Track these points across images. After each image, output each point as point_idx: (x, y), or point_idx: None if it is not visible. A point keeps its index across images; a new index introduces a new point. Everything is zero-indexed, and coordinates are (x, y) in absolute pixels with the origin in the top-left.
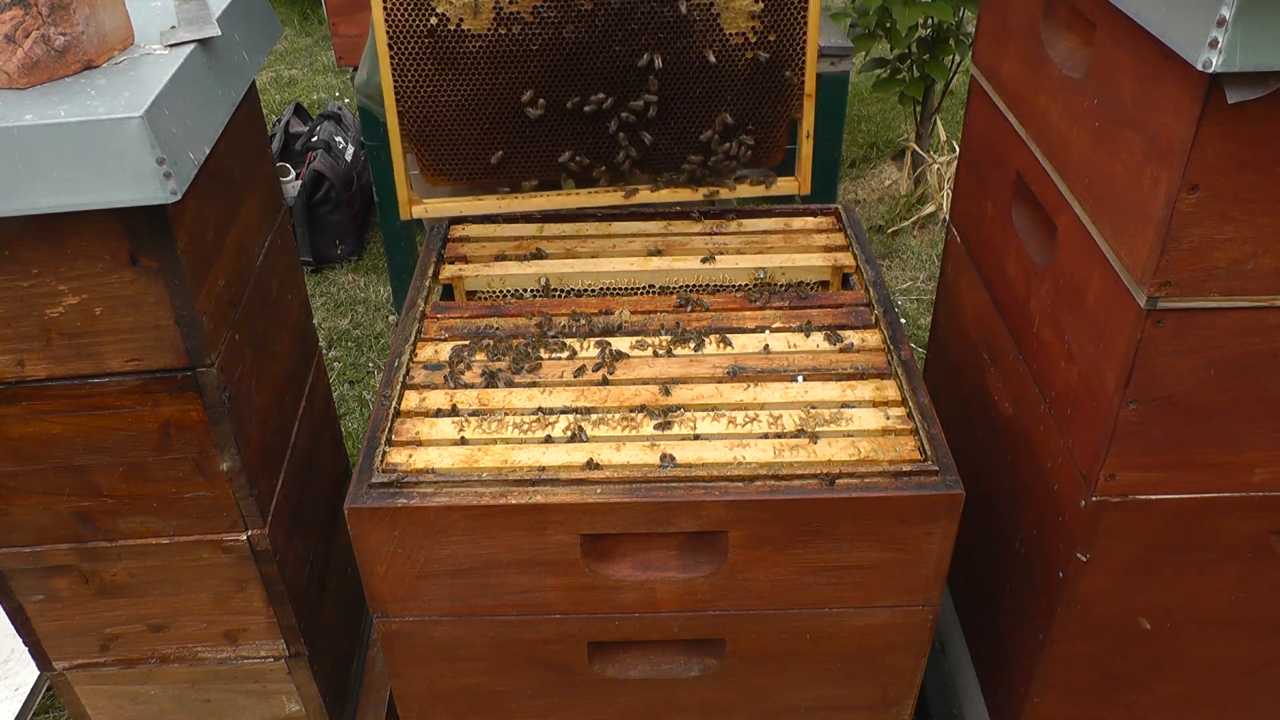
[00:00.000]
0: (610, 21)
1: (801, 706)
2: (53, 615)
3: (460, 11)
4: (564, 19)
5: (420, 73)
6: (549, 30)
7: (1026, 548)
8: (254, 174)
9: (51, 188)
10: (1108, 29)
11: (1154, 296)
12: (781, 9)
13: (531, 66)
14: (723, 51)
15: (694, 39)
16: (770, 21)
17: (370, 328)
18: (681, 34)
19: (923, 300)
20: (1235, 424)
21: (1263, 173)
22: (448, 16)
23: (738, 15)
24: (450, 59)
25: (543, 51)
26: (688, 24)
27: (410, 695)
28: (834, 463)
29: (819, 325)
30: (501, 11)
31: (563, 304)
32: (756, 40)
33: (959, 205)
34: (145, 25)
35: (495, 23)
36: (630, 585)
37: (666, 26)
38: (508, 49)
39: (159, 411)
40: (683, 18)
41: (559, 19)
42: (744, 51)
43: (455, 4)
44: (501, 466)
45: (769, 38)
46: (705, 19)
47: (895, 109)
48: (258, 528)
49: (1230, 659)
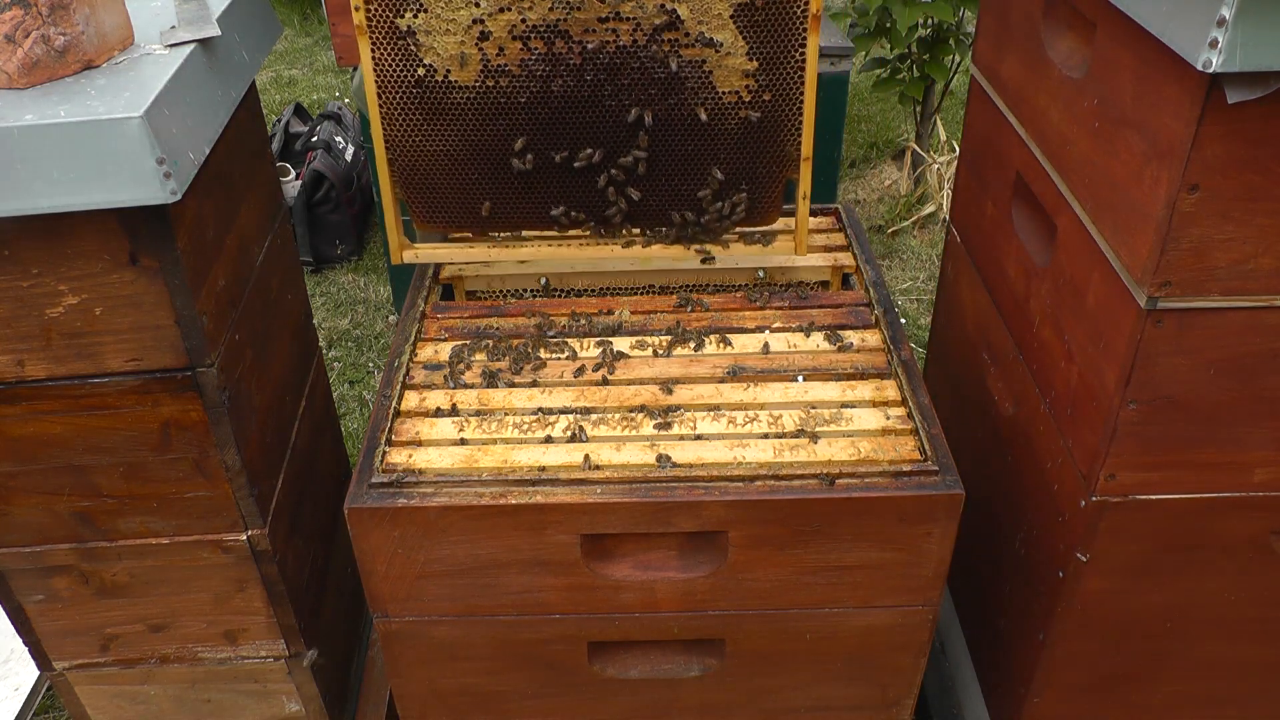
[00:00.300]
0: (600, 76)
1: (801, 706)
2: (53, 615)
3: (448, 63)
4: (553, 73)
5: (409, 122)
6: (537, 83)
7: (1026, 548)
8: (254, 174)
9: (51, 188)
10: (1108, 29)
11: (1154, 296)
12: (778, 69)
13: (520, 119)
14: (715, 110)
15: (686, 96)
16: (765, 81)
17: (370, 328)
18: (673, 90)
19: (923, 300)
20: (1235, 424)
21: (1263, 173)
22: (435, 67)
23: (731, 74)
24: (438, 109)
25: (531, 104)
26: (679, 80)
27: (410, 695)
28: (834, 463)
29: (819, 325)
30: (489, 64)
31: (563, 304)
32: (751, 100)
33: (959, 205)
34: (145, 25)
35: (483, 75)
36: (630, 585)
37: (657, 82)
38: (496, 101)
39: (159, 411)
40: (674, 74)
41: (547, 73)
42: (737, 110)
43: (443, 55)
44: (501, 466)
45: (764, 97)
46: (697, 76)
47: (895, 109)
48: (258, 528)
49: (1230, 659)
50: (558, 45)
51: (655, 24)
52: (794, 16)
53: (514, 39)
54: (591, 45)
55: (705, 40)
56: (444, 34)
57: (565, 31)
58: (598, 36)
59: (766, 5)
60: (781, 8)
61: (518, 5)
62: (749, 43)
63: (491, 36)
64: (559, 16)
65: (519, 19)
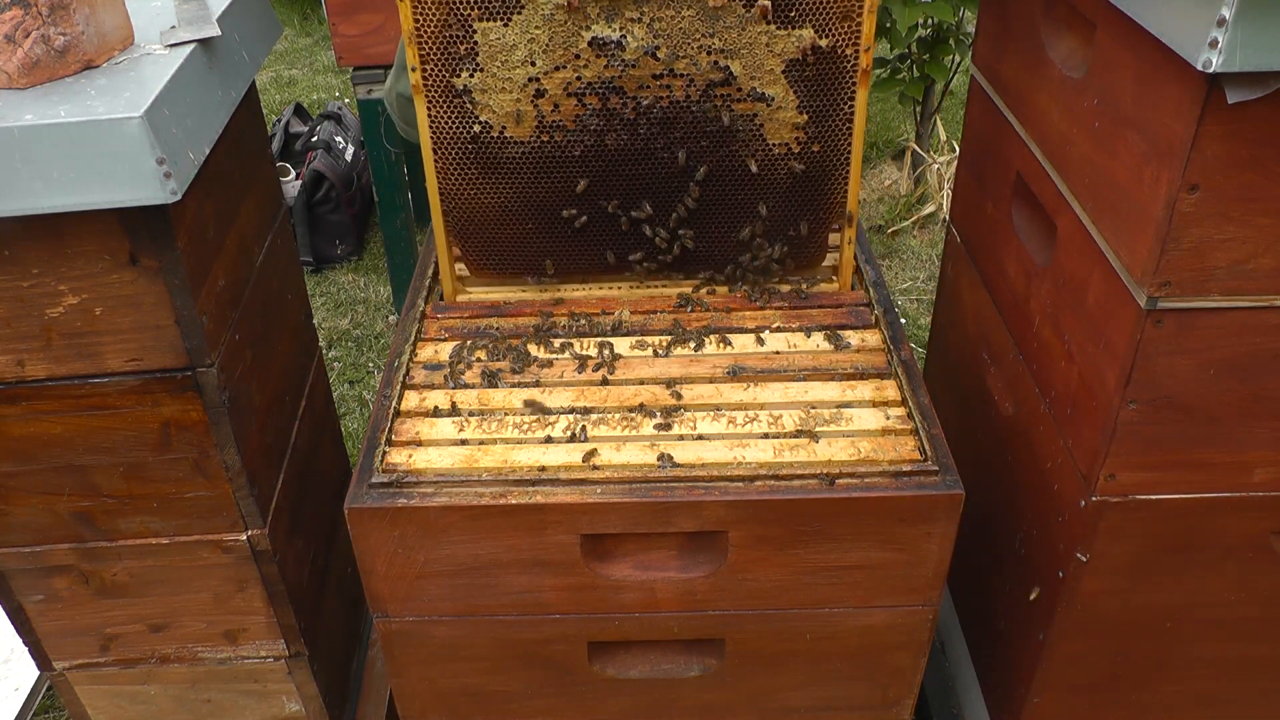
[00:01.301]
0: (653, 130)
1: (801, 706)
2: (53, 615)
3: (503, 120)
4: (607, 127)
5: (464, 176)
6: (591, 138)
7: (1026, 548)
8: (254, 174)
9: (51, 188)
10: (1108, 29)
11: (1154, 296)
12: (827, 121)
13: (574, 172)
14: (765, 161)
15: (737, 148)
16: (815, 133)
17: (370, 328)
18: (725, 142)
19: (923, 300)
20: (1235, 424)
21: (1263, 173)
22: (490, 124)
23: (781, 126)
24: (493, 164)
25: (585, 158)
26: (731, 133)
27: (410, 695)
28: (834, 463)
29: (819, 325)
30: (544, 120)
31: (562, 304)
32: (800, 151)
33: (959, 205)
34: (145, 25)
35: (538, 130)
36: (630, 585)
37: (710, 135)
38: (550, 155)
39: (159, 411)
40: (726, 128)
41: (601, 127)
42: (786, 161)
43: (498, 113)
44: (501, 466)
45: (813, 149)
46: (749, 129)
47: (895, 109)
48: (258, 528)
49: (1230, 659)
50: (612, 101)
51: (709, 80)
52: (844, 71)
53: (569, 96)
54: (646, 101)
55: (757, 95)
56: (500, 92)
57: (620, 88)
58: (652, 92)
59: (817, 60)
60: (832, 63)
61: (573, 64)
62: (799, 97)
63: (547, 94)
64: (614, 74)
65: (574, 76)
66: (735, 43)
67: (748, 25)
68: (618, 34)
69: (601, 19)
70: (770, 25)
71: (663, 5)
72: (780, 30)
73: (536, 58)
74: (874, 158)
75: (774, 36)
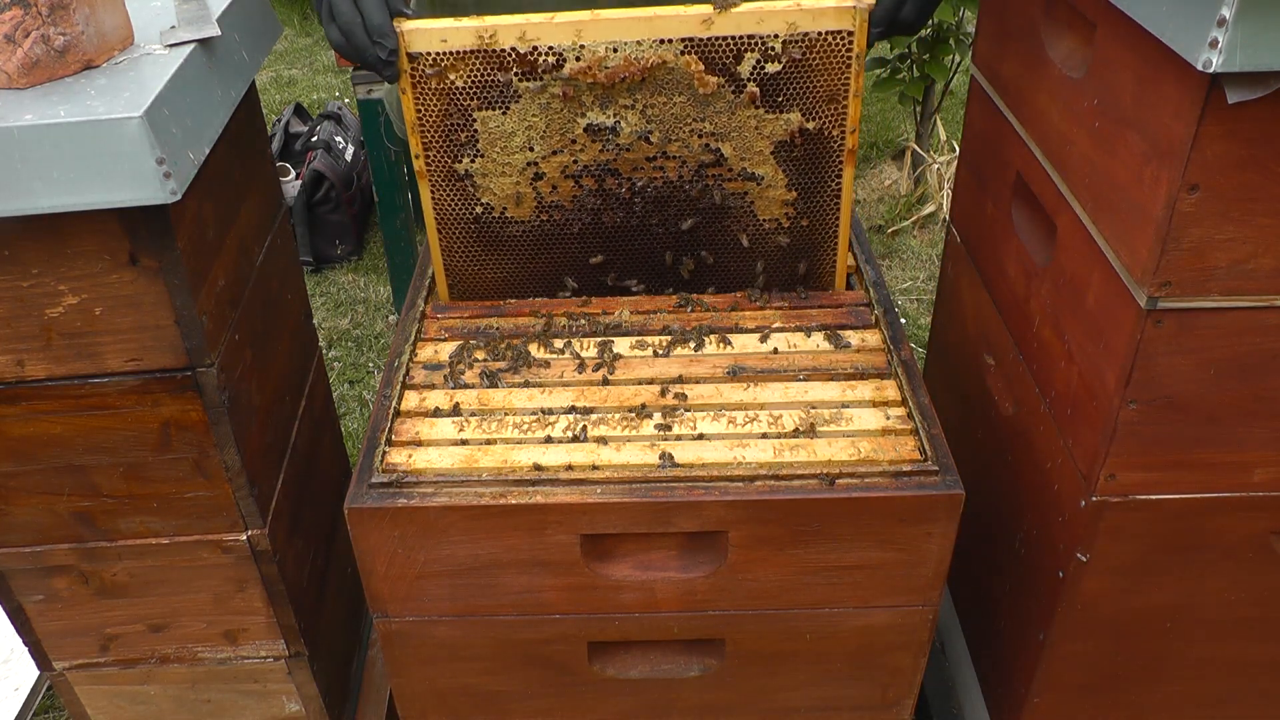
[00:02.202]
0: (648, 207)
1: (801, 706)
2: (53, 615)
3: (504, 201)
4: (603, 206)
5: (468, 253)
6: (589, 215)
7: (1026, 548)
8: (254, 174)
9: (51, 188)
10: (1108, 29)
11: (1154, 297)
12: (815, 197)
13: (573, 247)
14: (756, 235)
15: (729, 223)
16: (803, 208)
17: (370, 328)
18: (717, 218)
19: (923, 300)
20: (1235, 424)
21: (1263, 173)
22: (492, 205)
23: (771, 203)
24: (495, 242)
25: (583, 234)
26: (723, 209)
27: (410, 695)
28: (834, 463)
29: (819, 325)
30: (543, 200)
31: (562, 304)
32: (790, 225)
33: (959, 205)
34: (145, 25)
35: (537, 210)
36: (630, 585)
37: (703, 212)
38: (550, 233)
39: (159, 411)
40: (718, 205)
41: (598, 206)
42: (777, 236)
43: (499, 195)
44: (501, 466)
45: (801, 223)
46: (740, 206)
47: (895, 109)
48: (258, 528)
49: (1230, 659)
50: (608, 182)
51: (701, 161)
52: (831, 151)
53: (566, 178)
54: (640, 181)
55: (748, 175)
56: (500, 176)
57: (615, 170)
58: (646, 173)
59: (805, 142)
60: (819, 144)
61: (570, 148)
62: (788, 175)
63: (545, 176)
64: (609, 157)
65: (571, 160)
66: (725, 126)
67: (737, 110)
68: (612, 120)
69: (596, 106)
70: (759, 109)
71: (655, 92)
72: (769, 114)
73: (535, 143)
74: (874, 158)
75: (763, 120)
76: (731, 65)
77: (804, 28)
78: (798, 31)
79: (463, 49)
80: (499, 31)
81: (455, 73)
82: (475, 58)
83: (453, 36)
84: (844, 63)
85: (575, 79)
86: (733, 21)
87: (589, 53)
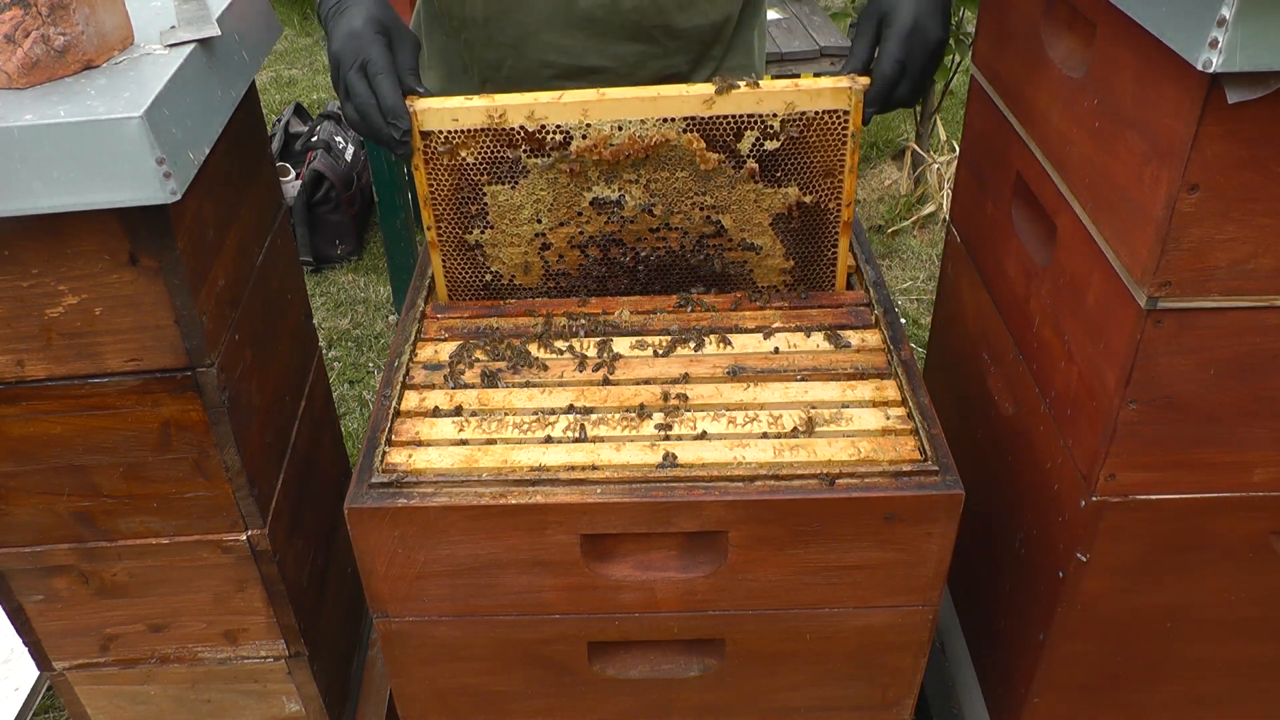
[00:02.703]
0: (651, 274)
1: (801, 706)
2: (53, 615)
3: (513, 270)
4: (609, 274)
5: None
6: (594, 283)
7: (1026, 548)
8: (254, 174)
9: (51, 188)
10: (1108, 29)
11: (1154, 296)
12: (812, 266)
13: None
14: None
15: (728, 288)
16: (800, 275)
17: (370, 328)
18: (718, 284)
19: (923, 300)
20: (1235, 424)
21: (1263, 173)
22: (501, 274)
23: (770, 271)
24: None
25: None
26: (724, 276)
27: (410, 695)
28: (834, 463)
29: (819, 325)
30: (550, 269)
31: (562, 304)
32: (787, 291)
33: (959, 205)
34: (145, 25)
35: (545, 278)
36: (630, 585)
37: (703, 279)
38: (556, 297)
39: (159, 411)
40: (718, 272)
41: (604, 274)
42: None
43: (508, 264)
44: (501, 466)
45: (797, 290)
46: (740, 273)
47: None
48: (258, 528)
49: (1230, 659)
50: (613, 251)
51: (702, 232)
52: (828, 223)
53: (573, 248)
54: (644, 251)
55: (747, 245)
56: (509, 246)
57: (620, 240)
58: (649, 244)
59: (802, 214)
60: (816, 216)
61: (576, 220)
62: (786, 245)
63: (552, 246)
64: (614, 229)
65: (577, 231)
66: (726, 200)
67: (737, 184)
68: (617, 194)
69: (602, 181)
70: (758, 184)
71: (658, 168)
72: (767, 188)
73: (542, 216)
74: (874, 158)
75: (761, 194)
76: (732, 142)
77: (802, 107)
78: (796, 111)
79: (473, 127)
80: (508, 111)
81: (466, 149)
82: (485, 135)
83: (464, 116)
84: (840, 140)
85: (581, 156)
86: (733, 101)
87: (595, 131)
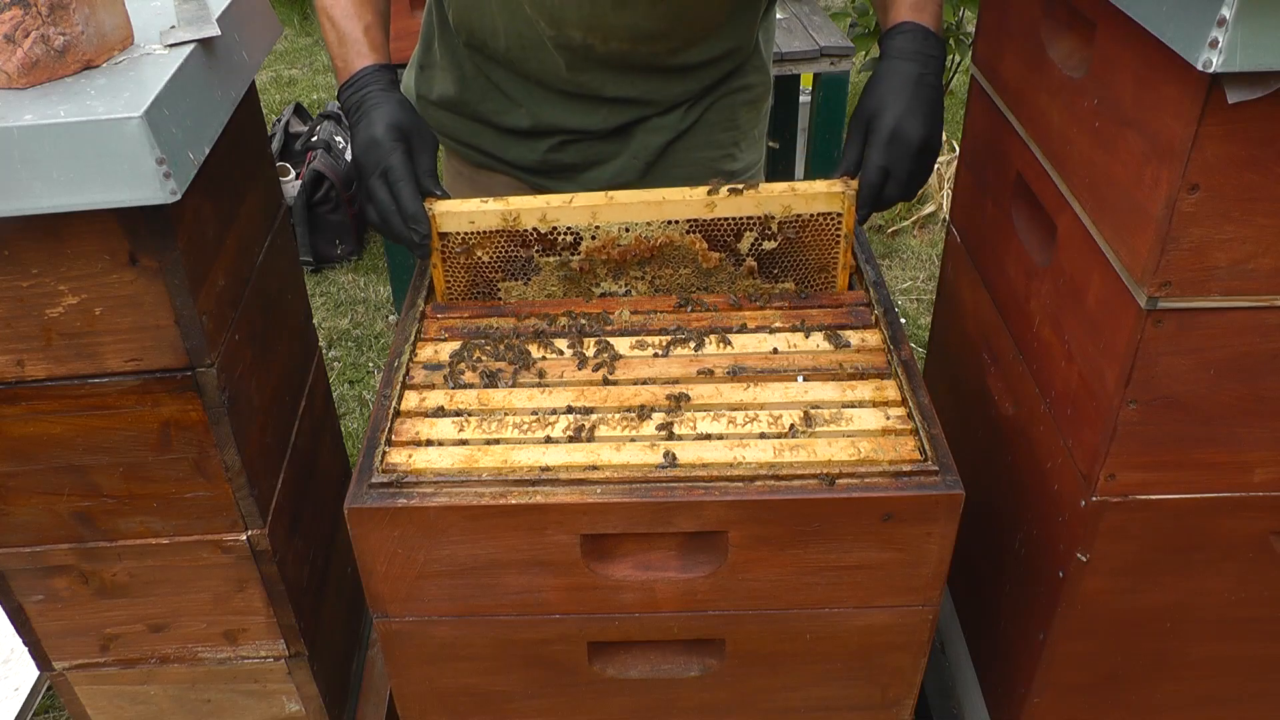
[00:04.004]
0: None
1: (801, 706)
2: (53, 615)
3: None
4: None
5: None
6: None
7: (1026, 548)
8: (254, 174)
9: (51, 188)
10: (1108, 29)
11: (1154, 296)
12: None
13: None
14: None
15: None
16: None
17: (370, 328)
18: None
19: (923, 300)
20: (1235, 424)
21: (1263, 173)
22: None
23: None
24: None
25: None
26: None
27: (410, 695)
28: (834, 463)
29: (819, 325)
30: None
31: (562, 304)
32: None
33: (959, 205)
34: (145, 25)
35: None
36: (630, 585)
37: None
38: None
39: (159, 411)
40: None
41: None
42: None
43: None
44: (501, 466)
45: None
46: None
47: None
48: (258, 528)
49: (1230, 659)
50: None
51: None
52: None
53: None
54: None
55: None
56: None
57: None
58: None
59: None
60: None
61: None
62: None
63: None
64: None
65: None
66: None
67: (737, 280)
68: (624, 289)
69: (609, 277)
70: (756, 279)
71: (662, 265)
72: (765, 283)
73: None
74: None
75: (759, 288)
76: (732, 242)
77: (798, 210)
78: (792, 214)
79: (489, 229)
80: (522, 214)
81: (482, 249)
82: (500, 236)
83: (480, 218)
84: (833, 240)
85: (591, 255)
86: (734, 205)
87: (603, 232)
